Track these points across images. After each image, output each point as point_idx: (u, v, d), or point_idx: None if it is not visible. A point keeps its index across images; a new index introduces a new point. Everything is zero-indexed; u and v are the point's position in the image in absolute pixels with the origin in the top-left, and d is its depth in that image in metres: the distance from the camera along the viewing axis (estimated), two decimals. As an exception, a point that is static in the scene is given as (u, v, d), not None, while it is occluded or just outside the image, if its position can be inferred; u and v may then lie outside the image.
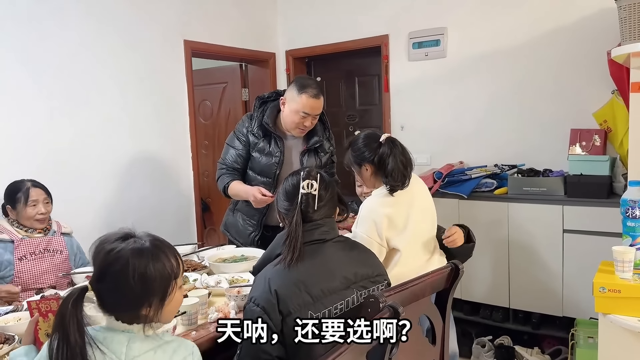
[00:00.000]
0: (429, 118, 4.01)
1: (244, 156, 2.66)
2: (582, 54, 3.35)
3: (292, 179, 1.74)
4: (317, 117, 2.59)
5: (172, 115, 3.82)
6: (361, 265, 1.70)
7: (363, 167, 2.14)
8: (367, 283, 1.66)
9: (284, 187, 1.76)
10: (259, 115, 2.67)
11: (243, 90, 4.76)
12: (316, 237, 1.67)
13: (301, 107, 2.50)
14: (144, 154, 3.63)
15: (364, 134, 2.18)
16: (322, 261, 1.64)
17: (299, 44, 4.60)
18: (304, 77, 2.60)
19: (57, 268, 2.55)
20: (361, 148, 2.13)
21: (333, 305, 1.57)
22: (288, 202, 1.72)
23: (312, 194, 1.67)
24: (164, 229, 3.69)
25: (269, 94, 2.74)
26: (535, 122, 3.58)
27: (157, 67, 3.70)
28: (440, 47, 3.87)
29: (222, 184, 2.67)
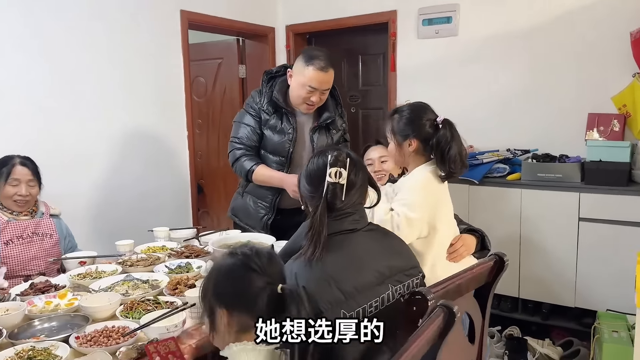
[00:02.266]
0: (437, 100, 3.71)
1: (259, 133, 2.47)
2: (602, 35, 3.21)
3: (317, 161, 1.55)
4: (325, 93, 2.41)
5: (167, 91, 3.60)
6: (395, 256, 1.54)
7: (407, 141, 1.91)
8: (401, 277, 1.49)
9: (308, 168, 1.58)
10: (267, 90, 2.47)
11: (240, 67, 4.53)
12: (346, 226, 1.50)
13: (307, 80, 2.31)
14: (138, 132, 3.41)
15: (416, 105, 1.96)
16: (353, 253, 1.47)
17: (301, 19, 4.38)
18: (313, 48, 2.42)
19: (46, 253, 2.35)
20: (415, 121, 1.91)
21: (367, 302, 1.40)
22: (312, 186, 1.54)
23: (340, 184, 1.49)
24: (159, 211, 3.51)
25: (277, 69, 2.55)
26: (550, 106, 3.44)
27: (152, 39, 3.46)
28: (452, 25, 3.69)
29: (245, 167, 2.45)
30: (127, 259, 2.23)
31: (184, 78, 3.68)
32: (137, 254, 2.32)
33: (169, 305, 1.74)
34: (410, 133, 1.90)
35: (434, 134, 1.87)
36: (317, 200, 1.49)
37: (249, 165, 2.44)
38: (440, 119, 1.89)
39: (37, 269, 2.30)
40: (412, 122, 1.90)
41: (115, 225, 3.26)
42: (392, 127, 1.95)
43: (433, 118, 1.90)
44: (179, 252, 2.33)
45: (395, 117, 1.95)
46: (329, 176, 1.49)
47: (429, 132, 1.88)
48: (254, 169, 2.44)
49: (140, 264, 2.17)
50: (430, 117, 1.90)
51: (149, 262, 2.18)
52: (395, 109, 2.00)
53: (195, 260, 2.21)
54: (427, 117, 1.90)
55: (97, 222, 3.20)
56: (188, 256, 2.28)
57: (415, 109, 1.93)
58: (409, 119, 1.91)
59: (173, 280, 1.92)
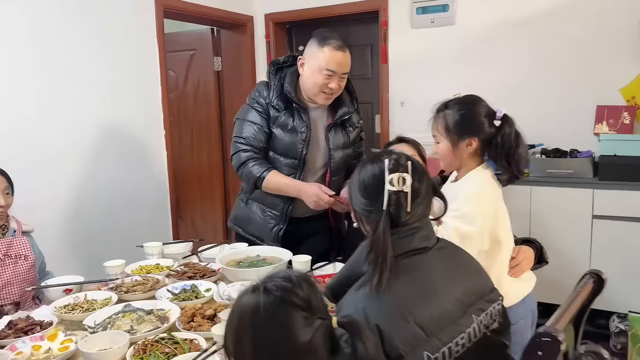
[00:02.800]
0: (433, 93, 3.50)
1: (266, 132, 2.17)
2: (609, 24, 3.08)
3: (371, 168, 1.27)
4: (344, 78, 2.13)
5: (142, 86, 3.23)
6: (471, 278, 1.29)
7: (465, 141, 1.66)
8: (483, 304, 1.24)
9: (360, 177, 1.29)
10: (276, 83, 2.17)
11: (215, 59, 4.18)
12: (415, 244, 1.24)
13: (325, 63, 2.03)
14: (113, 132, 3.03)
15: (472, 98, 1.70)
16: (427, 278, 1.21)
17: (281, 7, 4.07)
18: (324, 30, 2.13)
19: (21, 278, 1.99)
20: (474, 118, 1.65)
21: (453, 340, 1.15)
22: (368, 199, 1.27)
23: (403, 192, 1.22)
24: (138, 218, 3.15)
25: (284, 58, 2.25)
26: (555, 98, 3.29)
27: (126, 28, 3.08)
28: (448, 13, 3.48)
29: (253, 174, 2.14)
30: (121, 283, 1.89)
31: (160, 71, 3.32)
32: (129, 275, 1.99)
33: (190, 344, 1.43)
34: (469, 132, 1.65)
35: (497, 133, 1.64)
36: (376, 214, 1.23)
37: (258, 172, 2.14)
38: (500, 114, 1.65)
39: (10, 298, 1.93)
40: (471, 119, 1.65)
41: (91, 236, 2.89)
42: (445, 125, 1.68)
43: (492, 113, 1.66)
44: (179, 272, 2.01)
45: (448, 113, 1.69)
46: (389, 184, 1.22)
47: (490, 130, 1.65)
48: (265, 175, 2.13)
49: (138, 289, 1.84)
50: (489, 112, 1.67)
51: (147, 287, 1.85)
52: (445, 103, 1.73)
53: (201, 281, 1.90)
54: (487, 112, 1.66)
55: (70, 233, 2.82)
56: (192, 277, 1.97)
57: (471, 104, 1.68)
58: (467, 116, 1.66)
59: (187, 311, 1.60)
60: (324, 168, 2.21)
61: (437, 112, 1.75)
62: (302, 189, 2.12)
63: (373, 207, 1.24)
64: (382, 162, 1.26)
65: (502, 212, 1.69)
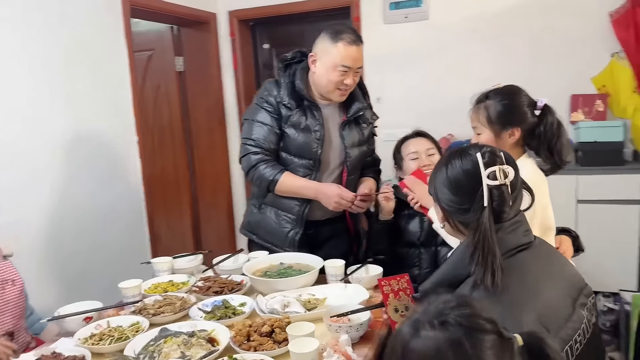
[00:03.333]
0: (409, 89, 3.64)
1: (277, 133, 2.05)
2: (580, 16, 3.21)
3: (461, 164, 1.22)
4: (359, 73, 2.06)
5: (111, 90, 2.97)
6: (568, 272, 1.27)
7: (508, 131, 1.64)
8: (583, 299, 1.23)
9: (449, 175, 1.23)
10: (287, 80, 2.06)
11: (177, 59, 3.95)
12: (521, 240, 1.21)
13: (339, 59, 1.96)
14: (83, 142, 2.76)
15: (512, 88, 1.69)
16: (535, 275, 1.19)
17: (245, 4, 3.92)
18: (335, 24, 2.05)
19: (12, 305, 1.75)
20: (516, 108, 1.64)
21: (572, 338, 1.12)
22: (462, 197, 1.21)
23: (505, 186, 1.18)
24: (115, 234, 2.92)
25: (292, 54, 2.14)
26: (530, 89, 3.33)
27: (91, 29, 2.82)
28: (422, 8, 3.49)
29: (266, 177, 2.02)
30: (142, 305, 1.71)
31: (130, 73, 3.08)
32: (146, 296, 1.81)
33: (261, 366, 1.31)
34: (512, 122, 1.64)
35: (540, 123, 1.63)
36: (475, 212, 1.17)
37: (271, 174, 2.02)
38: (541, 104, 1.65)
39: (2, 328, 1.69)
40: (514, 109, 1.65)
41: (68, 258, 2.63)
42: (487, 115, 1.66)
43: (533, 103, 1.66)
44: (202, 287, 1.86)
45: (490, 103, 1.67)
46: (488, 178, 1.17)
47: (532, 120, 1.64)
48: (278, 178, 2.02)
49: (167, 310, 1.67)
50: (531, 102, 1.66)
51: (177, 307, 1.69)
52: (485, 94, 1.72)
53: (232, 296, 1.76)
54: (528, 102, 1.66)
55: (45, 257, 2.53)
56: (219, 292, 1.82)
57: (513, 94, 1.68)
58: (509, 106, 1.65)
59: (240, 330, 1.46)
60: (340, 167, 2.13)
61: (477, 103, 1.73)
62: (320, 190, 2.03)
63: (468, 204, 1.18)
64: (473, 156, 1.21)
65: (549, 201, 1.69)
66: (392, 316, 1.46)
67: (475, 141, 1.74)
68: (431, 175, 1.31)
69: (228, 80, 4.03)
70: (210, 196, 4.12)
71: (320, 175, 2.09)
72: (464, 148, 1.27)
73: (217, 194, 4.11)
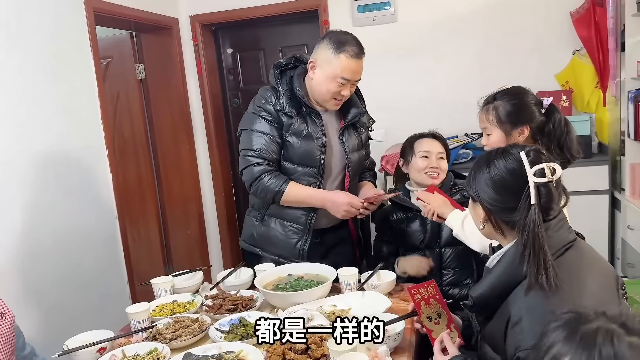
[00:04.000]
0: (380, 90, 3.62)
1: (279, 143, 2.00)
2: (543, 16, 3.34)
3: (505, 163, 1.23)
4: (356, 84, 2.04)
5: (79, 100, 2.79)
6: (605, 264, 1.31)
7: (518, 129, 1.67)
8: (622, 290, 1.27)
9: (492, 174, 1.24)
10: (285, 87, 2.01)
11: (137, 67, 3.79)
12: (568, 236, 1.24)
13: (340, 71, 1.93)
14: (52, 157, 2.58)
15: (519, 89, 1.73)
16: (587, 269, 1.21)
17: (207, 8, 3.81)
18: (338, 31, 2.01)
19: (5, 340, 1.59)
20: (525, 107, 1.68)
21: None
22: (507, 196, 1.22)
23: (552, 183, 1.20)
24: (91, 253, 2.76)
25: (286, 60, 2.09)
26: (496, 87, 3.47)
27: (56, 38, 2.64)
28: (390, 11, 3.52)
29: (271, 189, 1.96)
30: (156, 331, 1.62)
31: (97, 83, 2.91)
32: (159, 319, 1.71)
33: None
34: (521, 120, 1.68)
35: (548, 121, 1.69)
36: (522, 211, 1.18)
37: (276, 185, 1.97)
38: (547, 103, 1.70)
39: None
40: (523, 108, 1.69)
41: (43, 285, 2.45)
42: (497, 116, 1.70)
43: (540, 102, 1.71)
44: (214, 306, 1.78)
45: (498, 104, 1.71)
46: (535, 175, 1.18)
47: (541, 118, 1.69)
48: (284, 189, 1.97)
49: (185, 333, 1.59)
50: (538, 101, 1.72)
51: (195, 329, 1.61)
52: (493, 95, 1.75)
53: (249, 313, 1.70)
54: (535, 101, 1.71)
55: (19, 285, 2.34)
56: (232, 309, 1.75)
57: (521, 94, 1.73)
58: (518, 105, 1.69)
59: (275, 349, 1.41)
60: (342, 173, 2.11)
61: (485, 105, 1.76)
62: (328, 198, 1.99)
63: (515, 203, 1.19)
64: (516, 155, 1.22)
65: None
66: (427, 324, 1.45)
67: (485, 142, 1.77)
68: (469, 176, 1.31)
69: (192, 86, 3.90)
70: (179, 208, 3.97)
71: (324, 182, 2.06)
72: (504, 148, 1.28)
73: (186, 206, 3.97)
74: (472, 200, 1.31)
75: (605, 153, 3.19)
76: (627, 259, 2.99)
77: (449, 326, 1.46)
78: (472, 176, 1.29)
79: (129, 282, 3.04)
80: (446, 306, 1.49)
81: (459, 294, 2.13)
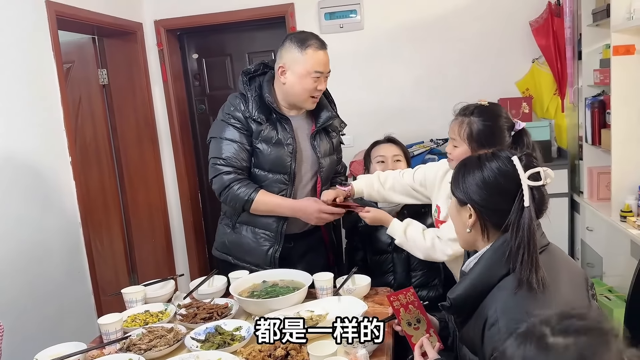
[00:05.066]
0: (347, 96, 3.62)
1: (248, 150, 1.99)
2: (504, 25, 3.44)
3: (497, 165, 1.25)
4: (327, 77, 2.06)
5: (41, 106, 2.71)
6: (575, 266, 1.36)
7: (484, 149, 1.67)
8: (591, 290, 1.32)
9: (485, 177, 1.25)
10: (255, 94, 2.01)
11: (100, 72, 3.70)
12: (544, 240, 1.28)
13: (311, 65, 1.95)
14: (12, 163, 2.49)
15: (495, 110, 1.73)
16: (560, 273, 1.25)
17: (172, 13, 3.76)
18: (296, 32, 2.05)
19: None
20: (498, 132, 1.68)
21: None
22: (497, 197, 1.25)
23: (544, 186, 1.24)
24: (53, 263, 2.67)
25: (255, 67, 2.10)
26: (461, 94, 3.48)
27: (15, 40, 2.55)
28: (357, 18, 3.57)
29: (240, 197, 1.96)
30: (130, 342, 1.58)
31: (60, 89, 2.83)
32: (127, 331, 1.67)
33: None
34: (490, 143, 1.64)
35: (515, 143, 1.69)
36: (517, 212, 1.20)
37: (246, 194, 1.97)
38: (518, 127, 1.71)
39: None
40: (494, 131, 1.68)
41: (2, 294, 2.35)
42: (469, 132, 1.70)
43: (512, 125, 1.71)
44: (188, 315, 1.75)
45: (473, 121, 1.70)
46: (530, 179, 1.21)
47: (508, 141, 1.70)
48: (254, 197, 1.97)
49: (160, 343, 1.56)
50: (510, 124, 1.71)
51: (171, 339, 1.58)
52: (470, 109, 1.73)
53: (224, 321, 1.68)
54: (508, 125, 1.71)
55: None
56: (207, 318, 1.72)
57: (495, 116, 1.71)
58: (491, 128, 1.68)
59: (255, 356, 1.40)
60: (314, 178, 2.13)
61: (460, 116, 1.76)
62: (298, 207, 2.00)
63: (509, 205, 1.21)
64: (501, 157, 1.25)
65: None
66: (406, 330, 1.47)
67: (450, 151, 1.78)
68: (457, 179, 1.31)
69: (157, 92, 3.84)
70: (145, 216, 3.89)
71: (295, 189, 2.06)
72: (494, 151, 1.30)
73: (151, 214, 3.89)
74: (459, 204, 1.32)
75: (564, 157, 3.31)
76: (586, 259, 3.11)
77: (428, 331, 1.48)
78: (460, 179, 1.31)
79: (94, 292, 2.95)
80: (425, 311, 1.52)
81: (427, 295, 2.17)
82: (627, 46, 2.48)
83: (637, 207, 2.55)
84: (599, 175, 2.91)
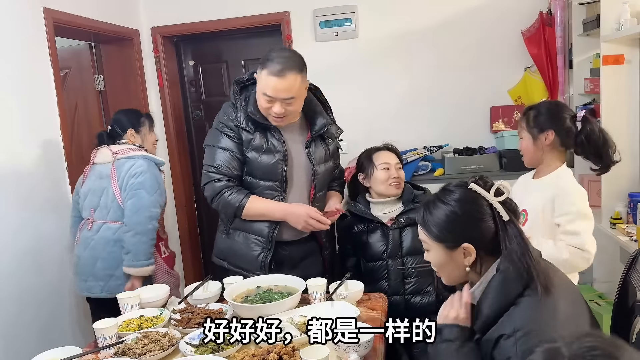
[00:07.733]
0: (342, 104, 3.64)
1: (240, 159, 2.02)
2: (496, 34, 3.49)
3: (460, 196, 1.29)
4: (292, 103, 1.96)
5: (38, 113, 2.74)
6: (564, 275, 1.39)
7: (543, 134, 1.87)
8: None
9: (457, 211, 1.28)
10: (243, 104, 2.04)
11: (96, 78, 3.73)
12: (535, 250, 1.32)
13: (261, 87, 1.94)
14: (10, 171, 2.51)
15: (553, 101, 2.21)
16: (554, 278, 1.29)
17: (169, 20, 3.80)
18: (275, 48, 2.00)
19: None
20: (554, 114, 1.87)
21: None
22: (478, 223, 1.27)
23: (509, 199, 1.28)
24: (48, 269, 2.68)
25: (248, 76, 2.12)
26: (453, 102, 3.61)
27: (13, 47, 2.58)
28: (351, 27, 3.61)
29: (231, 203, 1.99)
30: (128, 344, 1.60)
31: (57, 95, 2.85)
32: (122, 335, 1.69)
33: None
34: (546, 124, 1.87)
35: (581, 131, 1.83)
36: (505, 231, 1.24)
37: (236, 200, 2.00)
38: (580, 115, 1.86)
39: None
40: (551, 115, 1.88)
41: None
42: (526, 120, 1.91)
43: (572, 114, 1.89)
44: (183, 320, 1.77)
45: (531, 112, 1.92)
46: (495, 196, 1.25)
47: (569, 126, 1.86)
48: (245, 203, 2.00)
49: (155, 347, 1.58)
50: (570, 113, 1.90)
51: (166, 344, 1.60)
52: (529, 106, 1.98)
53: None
54: (567, 112, 1.90)
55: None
56: (201, 323, 1.73)
57: (553, 104, 2.03)
58: (548, 112, 1.89)
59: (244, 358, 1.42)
60: (308, 185, 2.14)
61: (523, 114, 1.97)
62: (289, 210, 2.03)
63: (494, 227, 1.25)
64: (466, 186, 1.30)
65: None
66: None
67: (520, 148, 1.98)
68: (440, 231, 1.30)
69: (153, 98, 3.87)
70: (140, 221, 3.90)
71: (288, 195, 2.09)
72: (443, 188, 1.34)
73: (147, 218, 3.90)
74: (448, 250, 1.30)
75: (555, 165, 3.35)
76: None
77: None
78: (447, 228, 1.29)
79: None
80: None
81: (421, 302, 2.20)
82: (616, 56, 2.53)
83: (627, 214, 2.60)
84: (589, 182, 2.95)
